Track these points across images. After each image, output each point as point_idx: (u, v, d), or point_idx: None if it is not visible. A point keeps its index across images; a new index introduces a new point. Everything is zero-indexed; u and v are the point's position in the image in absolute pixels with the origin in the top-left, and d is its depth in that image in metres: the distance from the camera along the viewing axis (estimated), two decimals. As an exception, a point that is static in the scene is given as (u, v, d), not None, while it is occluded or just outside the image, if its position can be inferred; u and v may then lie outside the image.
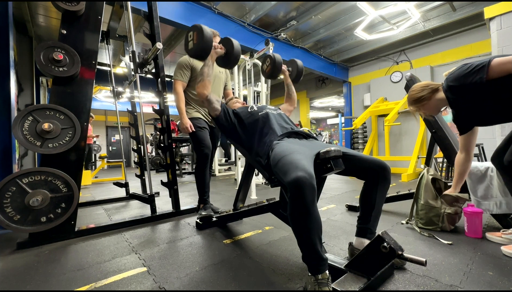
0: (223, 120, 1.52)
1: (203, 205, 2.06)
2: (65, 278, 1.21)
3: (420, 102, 1.49)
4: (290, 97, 1.87)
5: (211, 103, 1.50)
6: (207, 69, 1.49)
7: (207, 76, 1.48)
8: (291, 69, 1.90)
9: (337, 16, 4.61)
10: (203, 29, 1.37)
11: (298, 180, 0.86)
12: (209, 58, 1.49)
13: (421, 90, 1.48)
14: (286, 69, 1.86)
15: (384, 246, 0.91)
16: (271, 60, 1.76)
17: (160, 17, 3.07)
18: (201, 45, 1.38)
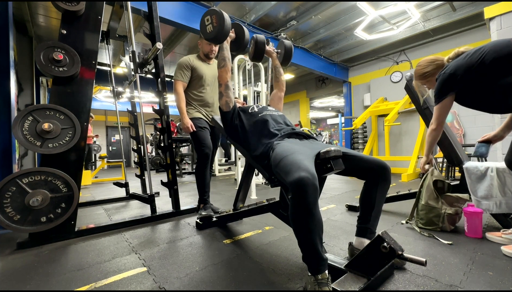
0: (229, 116, 1.53)
1: (203, 205, 2.07)
2: (65, 278, 1.21)
3: (425, 78, 1.54)
4: (278, 81, 1.82)
5: (229, 89, 1.54)
6: (227, 52, 1.55)
7: (228, 60, 1.54)
8: (279, 51, 1.83)
9: (337, 16, 4.61)
10: (223, 13, 1.41)
11: (301, 180, 0.86)
12: (226, 42, 1.54)
13: (427, 66, 1.52)
14: (273, 51, 1.80)
15: (384, 246, 0.91)
16: (254, 41, 1.72)
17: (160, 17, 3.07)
18: (221, 28, 1.41)
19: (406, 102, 4.87)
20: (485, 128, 4.37)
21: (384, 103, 5.61)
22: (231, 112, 1.52)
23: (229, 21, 1.43)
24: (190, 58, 2.08)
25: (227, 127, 1.57)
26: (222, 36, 1.46)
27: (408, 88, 2.06)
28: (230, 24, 1.46)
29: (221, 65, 1.54)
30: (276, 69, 1.82)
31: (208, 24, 1.47)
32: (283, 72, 1.85)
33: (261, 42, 1.70)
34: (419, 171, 4.61)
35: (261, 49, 1.71)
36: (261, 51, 1.71)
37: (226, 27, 1.42)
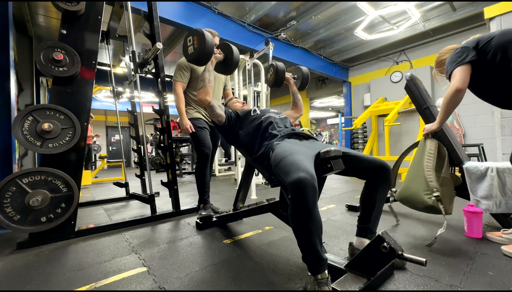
0: (227, 127, 1.52)
1: (203, 205, 2.06)
2: (65, 278, 1.21)
3: (442, 65, 1.51)
4: (296, 106, 1.85)
5: (214, 109, 1.48)
6: (208, 74, 1.46)
7: (208, 82, 1.46)
8: (297, 77, 1.88)
9: (337, 16, 4.61)
10: (205, 34, 1.33)
11: (300, 180, 0.86)
12: (209, 63, 1.46)
13: (446, 53, 1.51)
14: (291, 77, 1.84)
15: (384, 246, 0.91)
16: (274, 69, 1.75)
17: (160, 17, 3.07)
18: (202, 50, 1.34)
19: (406, 102, 4.87)
20: (485, 129, 4.37)
21: (384, 103, 5.61)
22: (226, 123, 1.52)
23: (211, 42, 1.35)
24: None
25: (226, 136, 1.58)
26: (203, 58, 1.39)
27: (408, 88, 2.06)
28: (213, 45, 1.37)
29: (200, 87, 1.47)
30: (294, 95, 1.84)
31: (189, 45, 1.41)
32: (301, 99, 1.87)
33: (281, 70, 1.73)
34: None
35: (282, 77, 1.74)
36: (281, 79, 1.75)
37: (208, 48, 1.35)
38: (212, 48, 1.37)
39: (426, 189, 1.48)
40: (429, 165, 1.55)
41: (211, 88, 1.46)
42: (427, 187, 1.48)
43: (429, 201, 1.44)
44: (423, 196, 1.48)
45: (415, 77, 2.05)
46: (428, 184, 1.48)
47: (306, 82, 1.88)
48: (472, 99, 4.86)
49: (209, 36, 1.35)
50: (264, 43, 3.65)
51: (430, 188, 1.46)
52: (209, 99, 1.46)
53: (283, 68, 1.76)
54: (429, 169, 1.54)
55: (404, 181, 1.66)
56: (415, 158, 1.68)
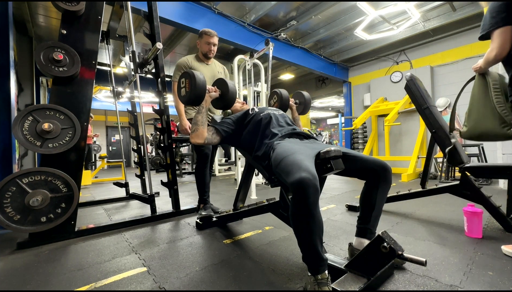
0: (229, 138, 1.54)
1: (203, 205, 2.07)
2: (65, 278, 1.21)
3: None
4: None
5: (211, 142, 1.48)
6: (201, 117, 1.44)
7: (201, 124, 1.44)
8: (298, 102, 1.92)
9: (337, 16, 4.61)
10: (195, 76, 1.33)
11: (302, 180, 0.86)
12: (203, 103, 1.44)
13: None
14: (293, 104, 1.89)
15: (384, 246, 0.91)
16: (278, 97, 1.80)
17: (160, 17, 3.06)
18: (193, 92, 1.34)
19: (406, 102, 4.87)
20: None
21: (384, 103, 5.61)
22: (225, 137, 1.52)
23: (202, 84, 1.35)
24: (188, 59, 2.08)
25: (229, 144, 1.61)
26: (196, 100, 1.38)
27: (408, 88, 2.06)
28: (204, 86, 1.36)
29: (192, 130, 1.45)
30: (296, 121, 1.85)
31: (182, 87, 1.42)
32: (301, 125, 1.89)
33: (285, 98, 1.79)
34: (419, 171, 4.61)
35: (286, 104, 1.80)
36: (286, 106, 1.81)
37: (198, 91, 1.34)
38: (203, 89, 1.36)
39: (503, 122, 1.46)
40: (500, 99, 1.49)
41: (204, 130, 1.45)
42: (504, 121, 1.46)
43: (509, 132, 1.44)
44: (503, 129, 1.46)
45: (415, 77, 2.05)
46: (504, 117, 1.45)
47: (307, 107, 1.92)
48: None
49: (200, 78, 1.34)
50: (264, 43, 3.65)
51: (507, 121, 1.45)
52: (202, 141, 1.45)
53: (287, 96, 1.80)
54: (501, 104, 1.48)
55: (469, 119, 1.60)
56: (476, 94, 1.59)
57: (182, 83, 1.42)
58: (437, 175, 4.45)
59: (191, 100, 1.38)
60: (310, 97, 1.91)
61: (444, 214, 2.10)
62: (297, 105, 1.91)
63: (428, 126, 1.98)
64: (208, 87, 1.43)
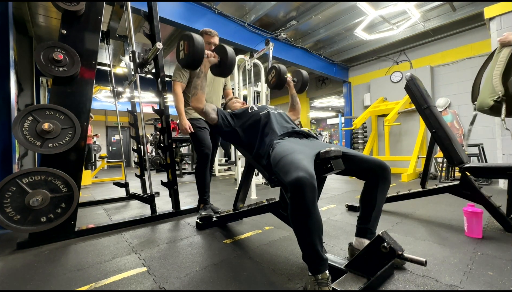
0: (222, 127, 1.52)
1: (203, 205, 2.06)
2: (65, 278, 1.21)
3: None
4: (294, 108, 1.86)
5: (208, 114, 1.49)
6: (200, 81, 1.43)
7: (200, 88, 1.43)
8: (296, 80, 1.89)
9: (337, 16, 4.61)
10: (194, 38, 1.30)
11: (299, 180, 0.86)
12: (202, 68, 1.42)
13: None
14: (291, 80, 1.86)
15: (384, 246, 0.91)
16: (276, 72, 1.76)
17: (160, 17, 3.07)
18: (191, 55, 1.31)
19: (406, 102, 4.87)
20: (485, 128, 4.36)
21: (384, 103, 5.61)
22: (220, 122, 1.51)
23: (201, 46, 1.32)
24: None
25: (223, 135, 1.59)
26: (194, 63, 1.36)
27: (408, 88, 2.06)
28: (203, 50, 1.33)
29: (192, 94, 1.45)
30: (293, 98, 1.85)
31: (181, 50, 1.39)
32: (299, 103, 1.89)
33: (283, 73, 1.74)
34: (419, 171, 4.61)
35: (283, 79, 1.76)
36: (283, 81, 1.76)
37: (197, 53, 1.31)
38: (202, 52, 1.33)
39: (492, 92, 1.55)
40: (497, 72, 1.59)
41: (203, 95, 1.44)
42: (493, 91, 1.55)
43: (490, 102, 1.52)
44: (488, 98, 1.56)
45: (415, 77, 2.05)
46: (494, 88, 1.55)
47: (305, 85, 1.89)
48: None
49: (199, 40, 1.31)
50: (264, 43, 3.65)
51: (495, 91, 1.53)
52: (202, 106, 1.45)
53: (285, 71, 1.76)
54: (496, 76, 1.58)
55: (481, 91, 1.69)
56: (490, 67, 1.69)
57: (180, 46, 1.39)
58: (437, 175, 4.45)
59: (189, 63, 1.35)
60: (308, 76, 1.88)
61: (444, 214, 2.10)
62: (294, 83, 1.88)
63: (428, 126, 1.98)
64: (207, 52, 1.40)
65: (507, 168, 1.61)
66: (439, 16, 4.51)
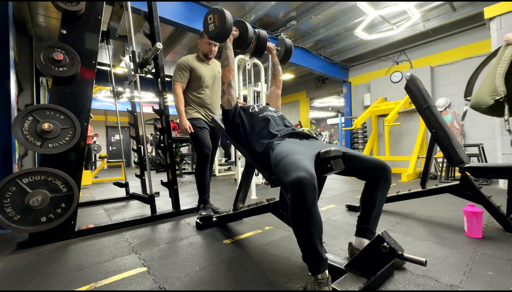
0: (231, 115, 1.53)
1: (203, 205, 2.07)
2: (65, 278, 1.21)
3: None
4: (275, 78, 1.83)
5: (231, 87, 1.55)
6: (230, 52, 1.55)
7: (231, 59, 1.55)
8: (280, 49, 1.84)
9: (337, 16, 4.61)
10: (225, 12, 1.43)
11: (299, 180, 0.86)
12: (228, 40, 1.54)
13: None
14: (273, 48, 1.79)
15: (384, 246, 0.91)
16: (256, 36, 1.70)
17: (160, 17, 3.06)
18: (223, 27, 1.43)
19: (406, 102, 4.87)
20: (485, 129, 4.36)
21: (384, 103, 5.61)
22: (233, 111, 1.52)
23: (231, 20, 1.45)
24: (189, 59, 2.08)
25: (228, 127, 1.56)
26: (224, 35, 1.48)
27: (408, 88, 2.06)
28: (232, 23, 1.47)
29: (225, 64, 1.55)
30: (275, 67, 1.82)
31: (210, 23, 1.49)
32: (281, 71, 1.85)
33: (263, 38, 1.71)
34: (419, 171, 4.61)
35: (263, 45, 1.72)
36: (263, 47, 1.73)
37: (228, 26, 1.44)
38: (231, 26, 1.47)
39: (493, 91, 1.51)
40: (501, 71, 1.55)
41: (234, 66, 1.56)
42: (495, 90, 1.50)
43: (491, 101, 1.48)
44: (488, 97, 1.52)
45: (415, 77, 2.05)
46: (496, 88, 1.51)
47: (288, 55, 1.83)
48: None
49: (229, 15, 1.44)
50: (264, 43, 3.64)
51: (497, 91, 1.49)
52: (231, 77, 1.55)
53: (265, 36, 1.71)
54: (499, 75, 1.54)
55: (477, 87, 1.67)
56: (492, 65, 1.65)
57: (209, 20, 1.50)
58: (437, 175, 4.45)
59: (220, 36, 1.47)
60: (292, 45, 1.83)
61: (444, 214, 2.10)
62: (278, 52, 1.83)
63: (428, 126, 1.98)
64: None
65: (507, 168, 1.61)
66: (439, 16, 4.51)
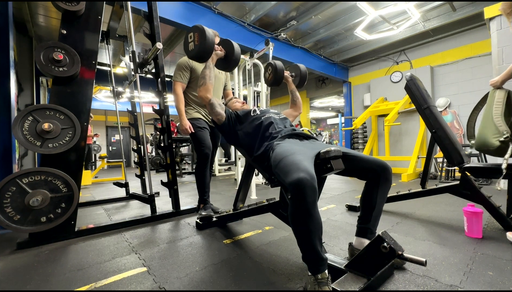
0: (227, 127, 1.52)
1: (203, 205, 2.06)
2: (65, 278, 1.21)
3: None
4: (295, 104, 1.84)
5: (214, 107, 1.48)
6: (209, 71, 1.46)
7: (209, 79, 1.45)
8: (294, 75, 1.88)
9: (337, 16, 4.61)
10: (205, 30, 1.33)
11: (300, 181, 0.86)
12: (210, 60, 1.46)
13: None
14: (289, 76, 1.84)
15: (384, 246, 0.91)
16: (273, 68, 1.75)
17: (160, 17, 3.06)
18: (203, 46, 1.35)
19: (406, 102, 4.87)
20: (485, 128, 4.36)
21: (384, 103, 5.61)
22: (226, 123, 1.51)
23: (212, 39, 1.36)
24: (189, 59, 2.08)
25: (226, 136, 1.58)
26: (204, 55, 1.39)
27: (408, 88, 2.06)
28: (213, 42, 1.38)
29: (200, 84, 1.46)
30: (293, 93, 1.83)
31: (190, 42, 1.41)
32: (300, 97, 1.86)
33: (280, 69, 1.72)
34: (419, 171, 4.61)
35: (280, 75, 1.73)
36: (280, 77, 1.74)
37: (208, 45, 1.35)
38: (212, 45, 1.37)
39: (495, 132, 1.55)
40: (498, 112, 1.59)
41: (211, 86, 1.46)
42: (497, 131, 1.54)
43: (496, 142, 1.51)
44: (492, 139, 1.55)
45: (415, 77, 2.05)
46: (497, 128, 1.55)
47: (304, 80, 1.87)
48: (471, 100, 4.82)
49: (210, 33, 1.35)
50: (264, 43, 3.65)
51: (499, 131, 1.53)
52: (210, 97, 1.46)
53: (282, 67, 1.75)
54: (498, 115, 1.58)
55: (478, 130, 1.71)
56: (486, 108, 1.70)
57: (190, 38, 1.41)
58: (437, 175, 4.45)
59: (199, 54, 1.38)
60: (306, 70, 1.86)
61: (444, 214, 2.10)
62: (293, 78, 1.87)
63: (428, 126, 1.98)
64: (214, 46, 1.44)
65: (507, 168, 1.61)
66: (439, 16, 4.51)
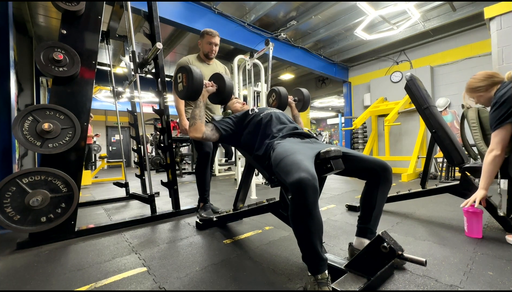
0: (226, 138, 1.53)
1: (203, 204, 2.07)
2: (65, 278, 1.21)
3: (476, 92, 1.51)
4: None
5: (209, 138, 1.47)
6: (199, 111, 1.44)
7: (199, 118, 1.44)
8: (297, 99, 1.92)
9: (337, 16, 4.61)
10: (192, 71, 1.32)
11: (301, 181, 0.86)
12: (201, 98, 1.44)
13: (482, 80, 1.48)
14: (292, 101, 1.88)
15: (384, 246, 0.91)
16: (277, 94, 1.79)
17: (160, 17, 3.06)
18: (191, 87, 1.34)
19: (406, 102, 4.87)
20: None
21: (384, 103, 5.61)
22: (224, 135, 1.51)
23: (200, 78, 1.34)
24: (189, 59, 2.08)
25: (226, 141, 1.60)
26: (193, 95, 1.38)
27: (408, 88, 2.06)
28: (201, 81, 1.36)
29: (191, 124, 1.45)
30: (296, 118, 1.85)
31: (179, 82, 1.41)
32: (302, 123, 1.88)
33: (284, 95, 1.76)
34: (419, 171, 4.61)
35: (284, 101, 1.78)
36: (285, 103, 1.78)
37: (196, 85, 1.34)
38: (201, 84, 1.36)
39: None
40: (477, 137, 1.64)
41: (202, 125, 1.44)
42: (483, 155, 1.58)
43: None
44: None
45: (415, 77, 2.05)
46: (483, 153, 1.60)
47: (307, 105, 1.92)
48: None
49: (197, 72, 1.34)
50: (264, 43, 3.65)
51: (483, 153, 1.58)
52: (201, 135, 1.44)
53: (286, 93, 1.79)
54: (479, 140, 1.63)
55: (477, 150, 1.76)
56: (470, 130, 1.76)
57: (178, 79, 1.41)
58: (437, 175, 4.45)
59: (188, 95, 1.38)
60: (309, 94, 1.92)
61: (444, 214, 2.10)
62: (296, 102, 1.92)
63: (428, 126, 1.98)
64: (205, 82, 1.43)
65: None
66: (439, 16, 4.51)
